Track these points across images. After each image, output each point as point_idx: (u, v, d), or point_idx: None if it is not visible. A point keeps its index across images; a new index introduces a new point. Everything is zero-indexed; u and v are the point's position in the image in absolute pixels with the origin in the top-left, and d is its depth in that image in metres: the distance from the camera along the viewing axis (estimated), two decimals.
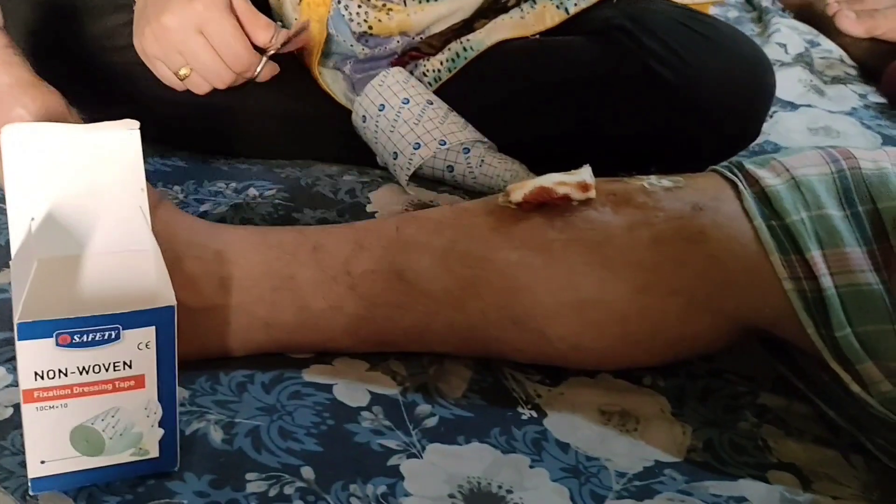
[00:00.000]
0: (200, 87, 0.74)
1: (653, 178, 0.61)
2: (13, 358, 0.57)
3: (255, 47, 0.76)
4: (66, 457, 0.48)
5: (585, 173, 0.60)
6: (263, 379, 0.57)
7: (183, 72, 0.72)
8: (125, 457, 0.49)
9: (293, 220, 0.75)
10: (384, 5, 0.83)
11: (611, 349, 0.59)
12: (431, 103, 0.85)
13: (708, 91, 0.79)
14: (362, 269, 0.59)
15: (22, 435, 0.51)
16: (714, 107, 0.79)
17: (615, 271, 0.58)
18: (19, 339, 0.45)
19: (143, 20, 0.71)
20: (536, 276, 0.58)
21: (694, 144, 0.81)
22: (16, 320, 0.44)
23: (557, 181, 0.59)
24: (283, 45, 0.77)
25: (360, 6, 0.84)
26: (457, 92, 0.85)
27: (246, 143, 0.85)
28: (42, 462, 0.47)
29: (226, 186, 0.79)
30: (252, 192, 0.78)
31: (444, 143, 0.82)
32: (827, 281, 0.54)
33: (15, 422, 0.53)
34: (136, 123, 0.52)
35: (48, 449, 0.47)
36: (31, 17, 0.76)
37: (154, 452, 0.49)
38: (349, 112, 0.86)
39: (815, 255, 0.55)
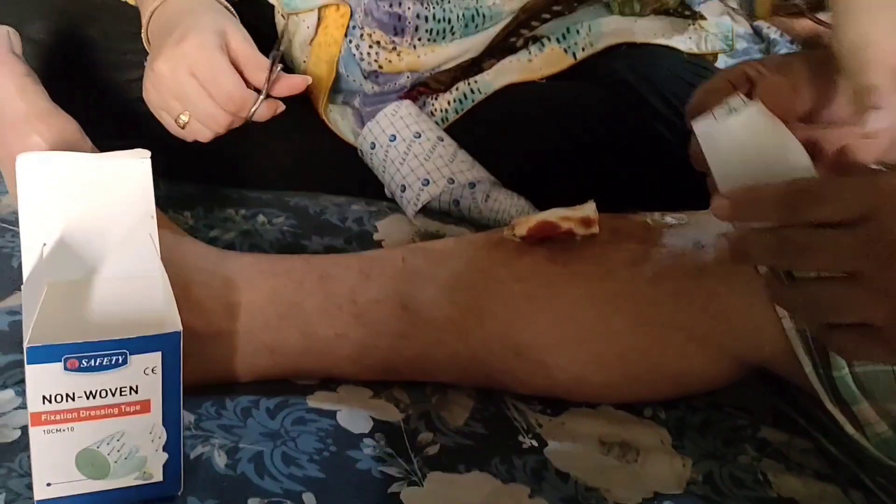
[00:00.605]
0: (201, 134, 0.71)
1: (656, 215, 0.62)
2: (22, 381, 0.58)
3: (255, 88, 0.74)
4: (71, 480, 0.48)
5: (589, 209, 0.60)
6: (268, 404, 0.58)
7: (182, 118, 0.69)
8: (129, 480, 0.49)
9: (301, 247, 0.76)
10: (394, 47, 0.85)
11: (611, 383, 0.60)
12: (441, 140, 0.86)
13: None
14: (368, 298, 0.60)
15: (29, 457, 0.52)
16: None
17: (616, 305, 0.58)
18: (28, 363, 0.45)
19: (147, 69, 0.70)
20: (539, 309, 0.59)
21: (694, 193, 0.81)
22: (25, 344, 0.45)
23: (561, 216, 0.60)
24: (277, 85, 0.72)
25: (370, 47, 0.85)
26: (463, 131, 0.87)
27: (253, 176, 0.87)
28: (48, 484, 0.48)
29: (235, 213, 0.80)
30: (261, 218, 0.79)
31: (453, 181, 0.83)
32: None
33: (22, 444, 0.53)
34: (147, 153, 0.53)
35: (54, 471, 0.48)
36: (46, 46, 0.77)
37: (158, 476, 0.50)
38: (356, 149, 0.87)
39: None
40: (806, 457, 0.58)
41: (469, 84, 0.87)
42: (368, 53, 0.85)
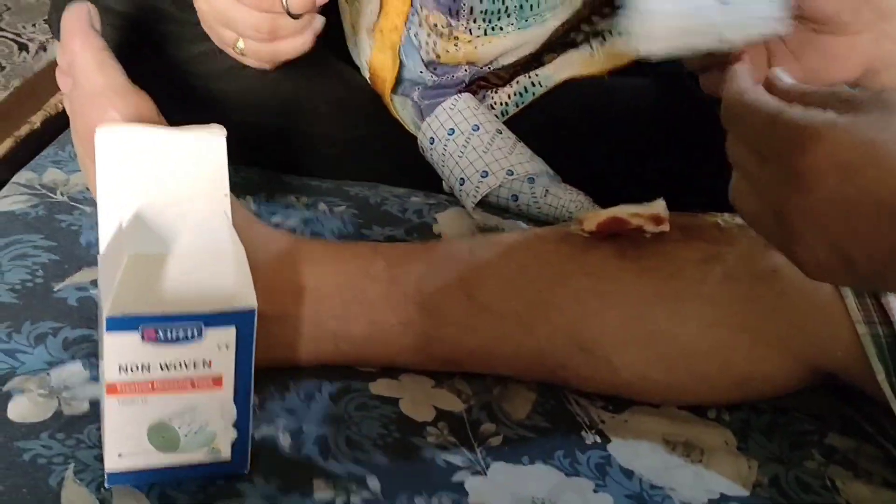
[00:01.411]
0: (259, 54, 0.68)
1: (727, 216, 0.61)
2: (90, 355, 0.58)
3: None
4: (142, 451, 0.49)
5: (659, 206, 0.60)
6: (331, 389, 0.58)
7: (239, 45, 0.67)
8: (198, 456, 0.50)
9: (362, 237, 0.76)
10: (452, 35, 0.85)
11: (677, 383, 0.59)
12: (500, 133, 0.85)
13: None
14: (433, 288, 0.60)
15: (98, 430, 0.52)
16: None
17: (685, 305, 0.58)
18: (107, 331, 0.46)
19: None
20: (606, 305, 0.58)
21: None
22: (105, 314, 0.46)
23: (631, 212, 0.59)
24: None
25: (429, 35, 0.85)
26: (523, 125, 0.86)
27: (315, 165, 0.87)
28: (119, 455, 0.48)
29: (296, 200, 0.80)
30: (322, 206, 0.79)
31: (512, 174, 0.83)
32: None
33: (91, 416, 0.54)
34: (222, 129, 0.53)
35: (126, 442, 0.48)
36: (112, 41, 0.78)
37: (226, 453, 0.50)
38: (416, 139, 0.87)
39: (892, 299, 0.54)
40: (875, 464, 0.57)
41: (530, 77, 0.87)
42: (427, 42, 0.85)
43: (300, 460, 0.53)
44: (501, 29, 0.85)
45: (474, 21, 0.84)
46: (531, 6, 0.85)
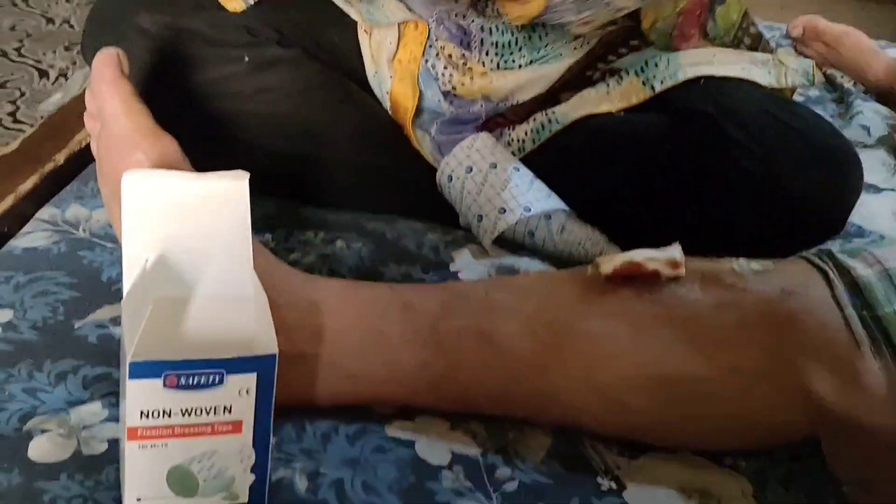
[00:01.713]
0: None
1: (742, 261, 0.61)
2: (109, 394, 0.59)
3: None
4: (161, 496, 0.49)
5: (675, 251, 0.60)
6: (347, 431, 0.59)
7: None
8: (216, 500, 0.50)
9: (379, 274, 0.77)
10: (466, 67, 0.86)
11: (693, 428, 0.59)
12: (518, 170, 0.86)
13: (792, 185, 0.78)
14: (450, 330, 0.60)
15: (117, 470, 0.53)
16: (798, 201, 0.78)
17: (702, 349, 0.58)
18: (130, 378, 0.46)
19: None
20: (622, 348, 0.58)
21: (776, 235, 0.81)
22: (128, 359, 0.46)
23: (647, 256, 0.60)
24: None
25: (445, 67, 0.86)
26: (540, 162, 0.87)
27: (334, 193, 0.88)
28: (138, 499, 0.49)
29: (314, 236, 0.81)
30: (339, 243, 0.80)
31: (529, 210, 0.83)
32: None
33: (109, 456, 0.54)
34: (245, 174, 0.54)
35: (145, 487, 0.49)
36: (145, 62, 0.80)
37: (243, 498, 0.50)
38: (434, 170, 0.88)
39: None
40: None
41: (546, 115, 0.88)
42: (443, 73, 0.86)
43: (318, 503, 0.53)
44: (514, 62, 0.86)
45: (486, 54, 0.85)
46: (539, 37, 0.86)
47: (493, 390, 0.60)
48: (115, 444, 0.55)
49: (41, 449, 0.54)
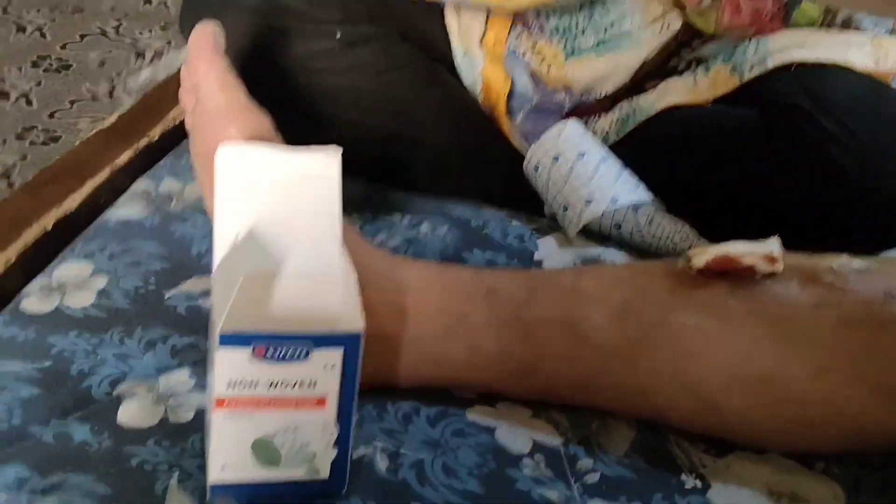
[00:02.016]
0: None
1: (843, 259, 0.59)
2: (196, 362, 0.60)
3: None
4: (244, 465, 0.49)
5: (773, 245, 0.58)
6: (429, 413, 0.58)
7: None
8: (297, 473, 0.50)
9: (462, 260, 0.76)
10: (542, 54, 0.85)
11: (784, 430, 0.57)
12: (606, 160, 0.85)
13: (889, 180, 0.75)
14: (535, 317, 0.59)
15: (201, 439, 0.54)
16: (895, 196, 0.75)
17: (797, 349, 0.56)
18: (219, 346, 0.47)
19: None
20: (713, 344, 0.57)
21: (874, 232, 0.77)
22: (219, 329, 0.47)
23: (743, 251, 0.58)
24: None
25: (524, 53, 0.85)
26: (625, 153, 0.85)
27: (418, 175, 0.88)
28: (222, 468, 0.49)
29: (400, 219, 0.81)
30: (424, 227, 0.80)
31: (616, 202, 0.82)
32: None
33: (195, 425, 0.55)
34: (337, 150, 0.54)
35: (230, 456, 0.49)
36: (240, 38, 0.80)
37: (325, 473, 0.51)
38: (520, 156, 0.87)
39: None
40: None
41: (631, 103, 0.86)
42: (527, 59, 0.85)
43: (397, 484, 0.53)
44: (582, 46, 0.84)
45: (552, 38, 0.84)
46: (602, 17, 0.84)
47: (576, 381, 0.59)
48: (200, 413, 0.56)
49: (130, 414, 0.55)
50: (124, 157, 0.80)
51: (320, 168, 0.53)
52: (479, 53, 0.88)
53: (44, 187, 0.76)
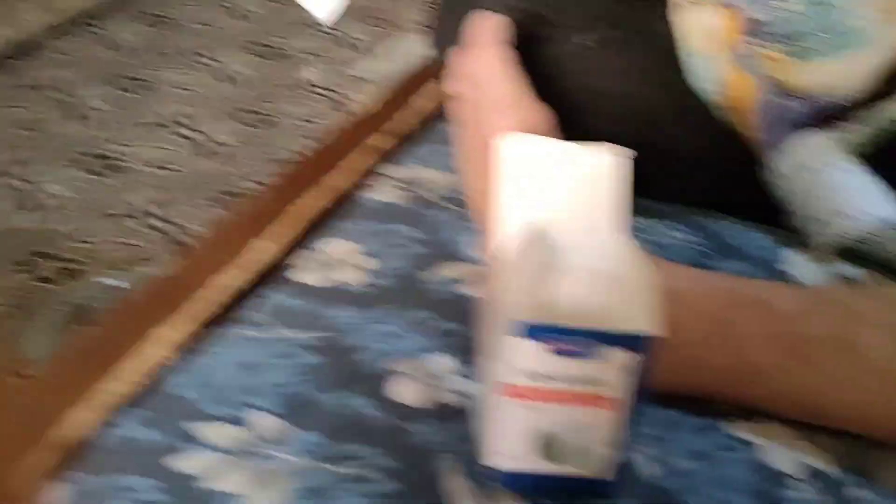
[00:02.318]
0: None
1: None
2: (460, 348, 0.60)
3: None
4: (523, 456, 0.50)
5: None
6: (693, 423, 0.57)
7: None
8: (574, 469, 0.50)
9: (707, 267, 0.74)
10: (768, 55, 0.81)
11: None
12: (853, 172, 0.80)
13: None
14: (807, 334, 0.57)
15: (465, 424, 0.54)
16: None
17: None
18: (516, 336, 0.47)
19: None
20: None
21: None
22: (515, 318, 0.47)
23: None
24: None
25: (755, 56, 0.82)
26: (879, 165, 0.81)
27: (662, 181, 0.86)
28: (502, 455, 0.50)
29: (643, 223, 0.79)
30: (665, 233, 0.78)
31: (865, 216, 0.77)
32: None
33: (462, 410, 0.56)
34: (629, 152, 0.53)
35: (510, 444, 0.50)
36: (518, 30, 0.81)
37: (600, 472, 0.50)
38: (760, 164, 0.84)
39: None
40: None
41: (883, 113, 0.81)
42: (757, 62, 0.82)
43: (665, 491, 0.52)
44: (812, 49, 0.80)
45: (772, 37, 0.79)
46: (828, 15, 0.79)
47: (854, 406, 0.56)
48: (467, 400, 0.56)
49: (401, 391, 0.57)
50: (377, 143, 0.82)
51: (612, 166, 0.53)
52: (717, 57, 0.86)
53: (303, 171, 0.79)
